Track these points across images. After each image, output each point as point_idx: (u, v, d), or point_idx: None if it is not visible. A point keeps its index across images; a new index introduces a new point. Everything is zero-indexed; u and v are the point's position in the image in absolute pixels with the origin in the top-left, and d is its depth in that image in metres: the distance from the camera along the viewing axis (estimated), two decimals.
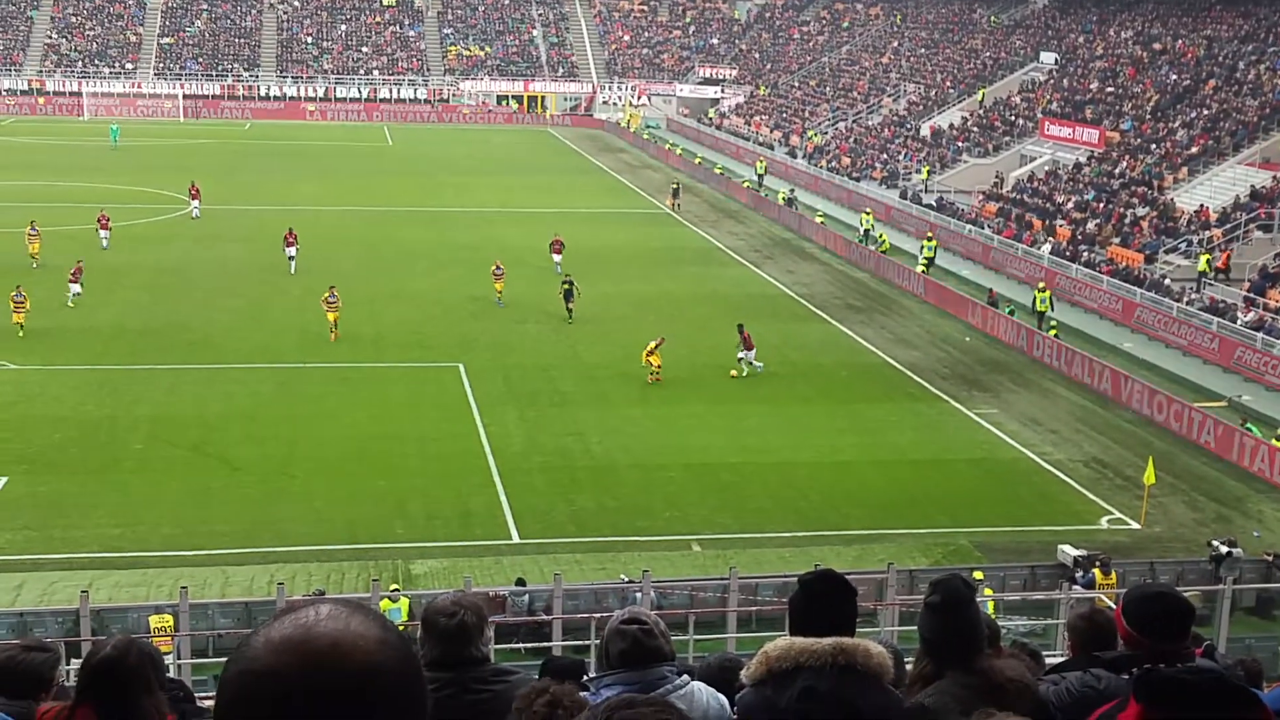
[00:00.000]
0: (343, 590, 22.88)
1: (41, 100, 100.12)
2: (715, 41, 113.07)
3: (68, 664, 18.51)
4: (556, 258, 48.39)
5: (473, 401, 33.51)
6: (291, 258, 47.75)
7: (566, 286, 41.48)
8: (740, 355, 35.99)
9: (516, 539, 25.64)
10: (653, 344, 35.25)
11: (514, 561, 24.35)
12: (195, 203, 57.68)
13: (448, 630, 4.86)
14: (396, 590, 21.31)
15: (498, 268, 44.08)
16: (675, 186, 67.52)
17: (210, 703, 7.80)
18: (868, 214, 57.51)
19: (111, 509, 26.37)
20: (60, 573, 23.51)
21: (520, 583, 22.45)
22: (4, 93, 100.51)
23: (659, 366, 34.96)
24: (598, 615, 20.51)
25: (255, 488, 27.66)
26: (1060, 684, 5.05)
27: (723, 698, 4.90)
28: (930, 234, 52.06)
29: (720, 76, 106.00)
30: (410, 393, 34.21)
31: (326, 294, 38.75)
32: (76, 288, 41.54)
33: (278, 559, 24.29)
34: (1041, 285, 42.96)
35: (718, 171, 75.22)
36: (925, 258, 50.03)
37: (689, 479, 28.82)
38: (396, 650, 2.01)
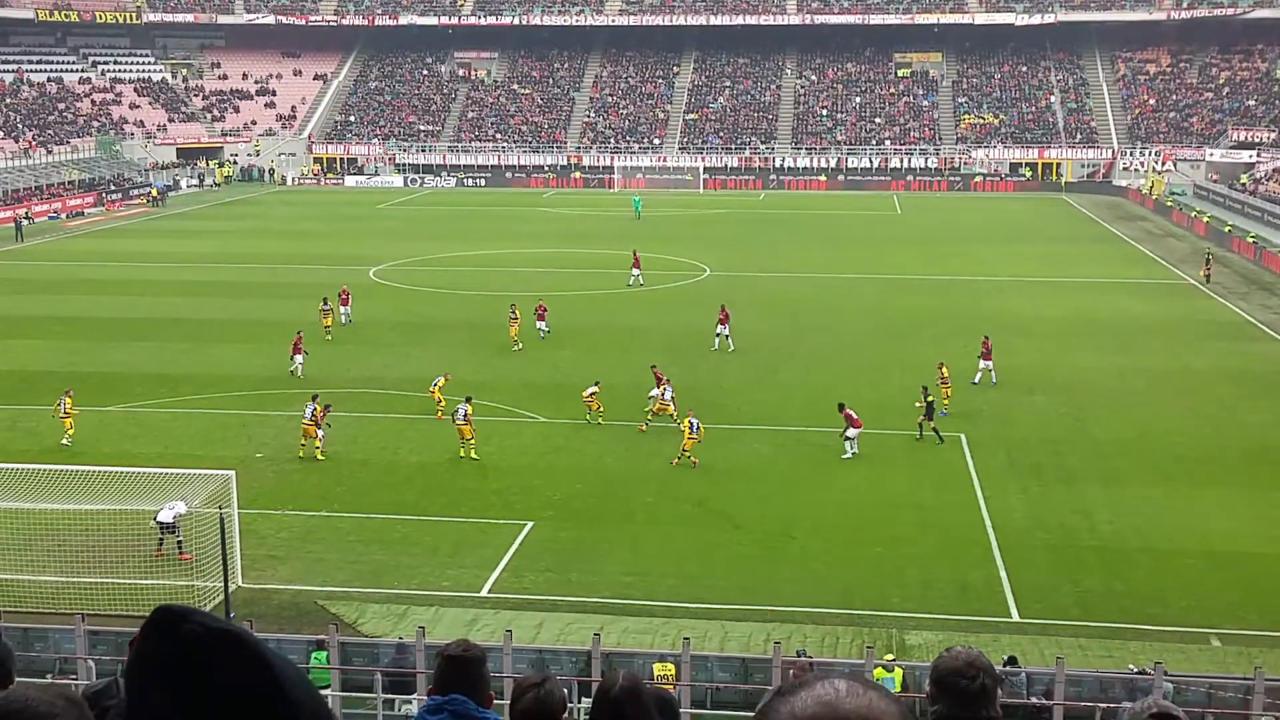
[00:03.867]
0: (836, 655, 22.87)
1: (578, 175, 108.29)
2: (1252, 103, 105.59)
3: (578, 703, 19.67)
4: (722, 329, 45.41)
5: (973, 472, 32.74)
6: (346, 315, 48.52)
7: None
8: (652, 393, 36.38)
9: (1016, 617, 24.69)
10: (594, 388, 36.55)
11: (1012, 641, 23.41)
12: (636, 271, 58.57)
13: (969, 692, 4.84)
14: (891, 660, 21.04)
15: (515, 311, 45.45)
16: (1208, 255, 63.49)
17: None
18: None
19: (623, 557, 27.72)
20: (575, 615, 24.89)
21: (1011, 662, 21.51)
22: (546, 168, 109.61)
23: (595, 409, 36.52)
24: (1103, 705, 19.41)
25: (755, 546, 28.24)
26: None
27: None
28: None
29: (1256, 140, 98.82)
30: (909, 460, 33.89)
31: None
32: (669, 391, 36.42)
33: (774, 618, 24.60)
34: None
35: (1250, 240, 69.97)
36: None
37: (1209, 568, 26.72)
38: None
